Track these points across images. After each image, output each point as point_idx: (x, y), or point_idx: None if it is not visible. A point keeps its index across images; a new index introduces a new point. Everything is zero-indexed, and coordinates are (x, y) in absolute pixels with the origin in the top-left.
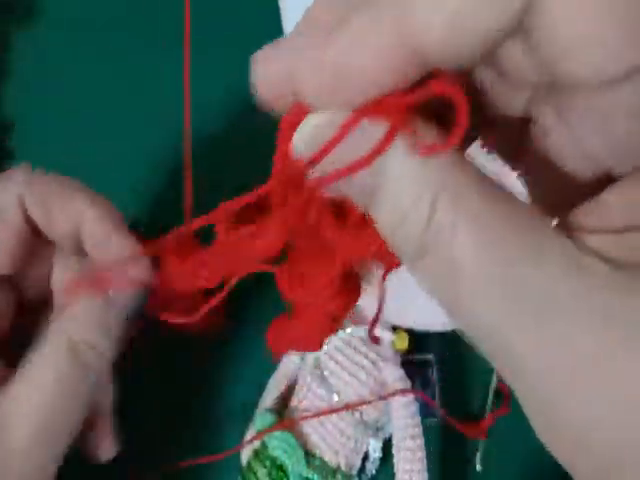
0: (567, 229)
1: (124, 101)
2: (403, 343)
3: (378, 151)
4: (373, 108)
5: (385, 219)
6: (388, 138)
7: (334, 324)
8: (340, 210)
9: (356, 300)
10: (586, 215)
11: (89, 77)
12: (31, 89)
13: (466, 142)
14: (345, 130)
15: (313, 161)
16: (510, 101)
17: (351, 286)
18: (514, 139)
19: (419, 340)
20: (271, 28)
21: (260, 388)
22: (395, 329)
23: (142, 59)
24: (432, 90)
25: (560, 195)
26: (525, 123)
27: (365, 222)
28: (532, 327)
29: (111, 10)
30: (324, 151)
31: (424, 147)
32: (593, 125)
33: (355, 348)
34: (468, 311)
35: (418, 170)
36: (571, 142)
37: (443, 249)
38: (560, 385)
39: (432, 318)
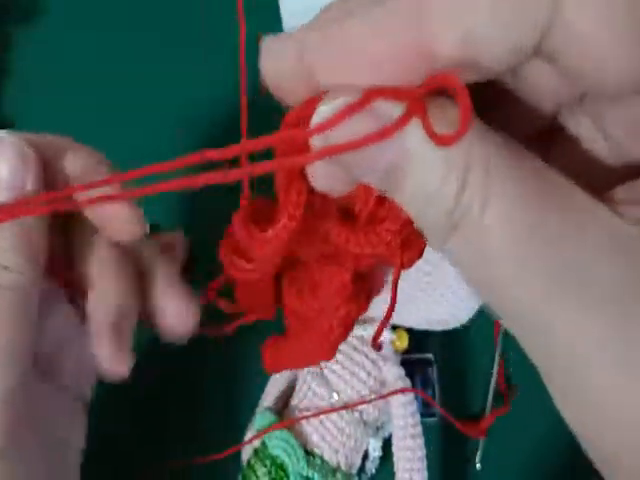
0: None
1: (124, 101)
2: (403, 342)
3: (396, 127)
4: (387, 91)
5: (411, 200)
6: (406, 117)
7: (346, 330)
8: (346, 213)
9: (368, 303)
10: (625, 193)
11: (89, 77)
12: (31, 89)
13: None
14: (359, 105)
15: (320, 129)
16: (537, 110)
17: (362, 290)
18: (541, 146)
19: (419, 340)
20: (271, 28)
21: (260, 388)
22: (395, 329)
23: (142, 59)
24: (431, 82)
25: (592, 189)
26: (554, 130)
27: (371, 222)
28: (574, 310)
29: (111, 10)
30: (333, 121)
31: (437, 137)
32: (628, 127)
33: (355, 347)
34: (501, 291)
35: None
36: (605, 144)
37: (473, 228)
38: (597, 368)
39: (432, 318)
